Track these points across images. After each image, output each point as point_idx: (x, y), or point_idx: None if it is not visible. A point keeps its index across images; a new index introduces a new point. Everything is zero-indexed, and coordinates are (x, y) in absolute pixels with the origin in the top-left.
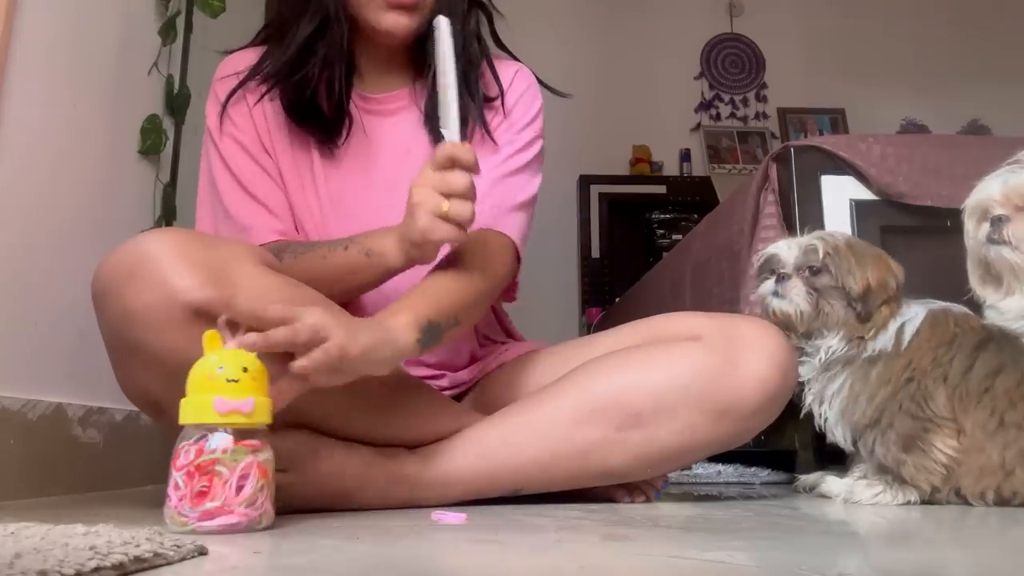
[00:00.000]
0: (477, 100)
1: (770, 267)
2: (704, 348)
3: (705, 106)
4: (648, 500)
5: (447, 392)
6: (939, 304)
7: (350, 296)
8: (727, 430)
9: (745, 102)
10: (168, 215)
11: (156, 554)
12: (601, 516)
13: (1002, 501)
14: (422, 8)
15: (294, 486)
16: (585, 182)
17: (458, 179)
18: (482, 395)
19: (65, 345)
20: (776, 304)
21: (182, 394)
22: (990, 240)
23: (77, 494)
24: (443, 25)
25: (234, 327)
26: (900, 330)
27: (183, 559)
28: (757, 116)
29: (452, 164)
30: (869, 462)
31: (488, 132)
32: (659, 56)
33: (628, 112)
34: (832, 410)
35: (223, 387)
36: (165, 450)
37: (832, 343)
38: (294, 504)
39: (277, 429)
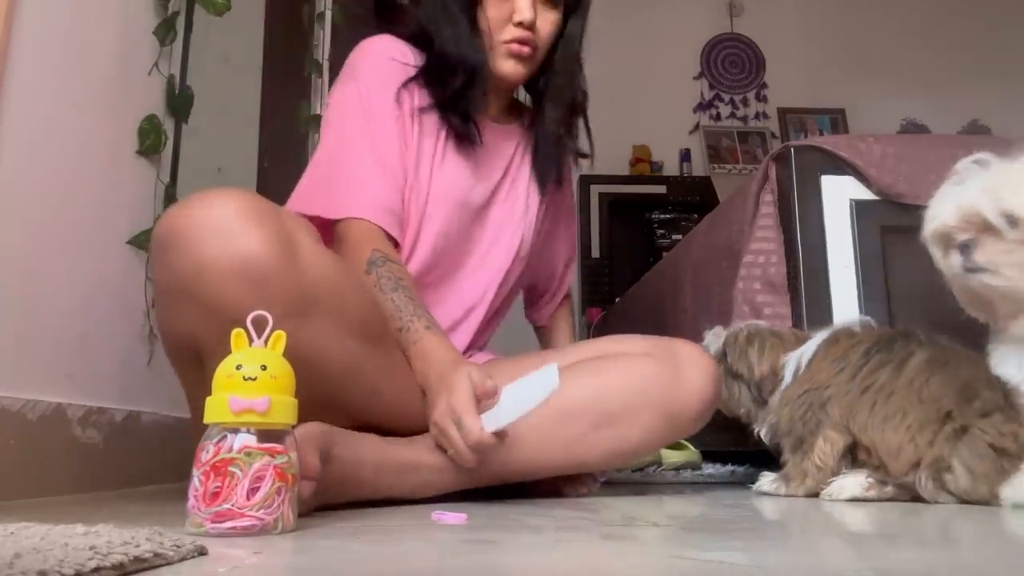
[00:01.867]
0: (572, 146)
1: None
2: (656, 362)
3: (705, 106)
4: (589, 493)
5: None
6: (841, 325)
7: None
8: (673, 432)
9: (745, 102)
10: None
11: (156, 554)
12: (601, 516)
13: (942, 482)
14: (534, 60)
15: (322, 480)
16: (585, 182)
17: (472, 425)
18: None
19: (65, 345)
20: None
21: (231, 345)
22: (967, 270)
23: (77, 494)
24: (554, 369)
25: (260, 326)
26: (796, 366)
27: (183, 559)
28: (757, 116)
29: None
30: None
31: (567, 177)
32: (659, 56)
33: (628, 112)
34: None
35: (240, 385)
36: (165, 450)
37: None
38: (319, 495)
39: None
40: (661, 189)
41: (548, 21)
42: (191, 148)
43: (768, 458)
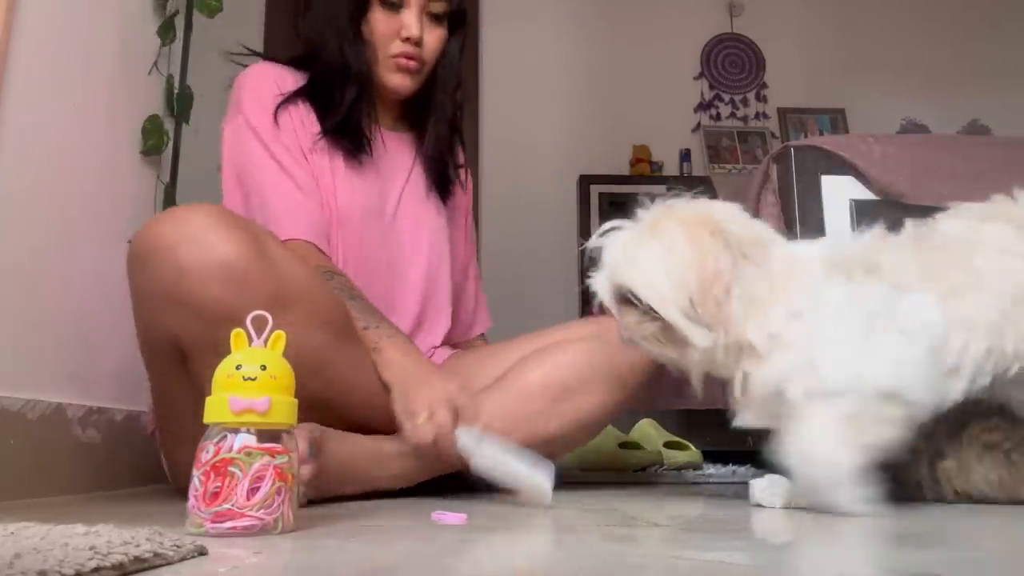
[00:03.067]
0: (454, 162)
1: None
2: (601, 337)
3: (705, 106)
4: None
5: None
6: None
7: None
8: (627, 395)
9: (745, 102)
10: None
11: (156, 554)
12: (601, 516)
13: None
14: (421, 73)
15: (322, 473)
16: (585, 182)
17: (444, 443)
18: None
19: (66, 345)
20: None
21: (213, 343)
22: (623, 341)
23: (77, 494)
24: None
25: (260, 326)
26: None
27: (183, 559)
28: (757, 116)
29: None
30: None
31: (462, 184)
32: (659, 56)
33: (628, 112)
34: None
35: (239, 385)
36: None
37: None
38: (320, 490)
39: (308, 389)
40: (661, 189)
41: (435, 37)
42: (191, 148)
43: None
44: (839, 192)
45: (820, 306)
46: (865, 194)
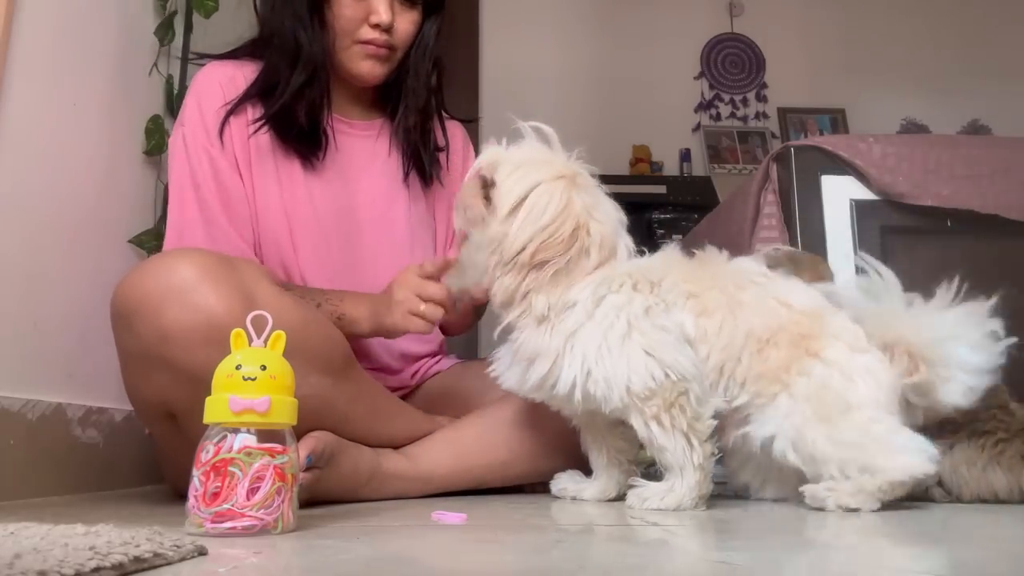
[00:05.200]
0: (429, 150)
1: None
2: None
3: (705, 106)
4: (545, 491)
5: (396, 392)
6: None
7: None
8: None
9: (745, 102)
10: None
11: (156, 554)
12: (601, 516)
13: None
14: (392, 59)
15: (321, 481)
16: None
17: (437, 290)
18: (423, 395)
19: (65, 345)
20: None
21: (202, 405)
22: None
23: (77, 494)
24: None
25: (259, 326)
26: None
27: (183, 559)
28: (757, 116)
29: (435, 277)
30: None
31: (439, 178)
32: (659, 56)
33: (628, 112)
34: None
35: (239, 385)
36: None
37: None
38: (318, 497)
39: (308, 429)
40: (661, 189)
41: (407, 20)
42: None
43: None
44: (839, 192)
45: (594, 305)
46: (865, 194)
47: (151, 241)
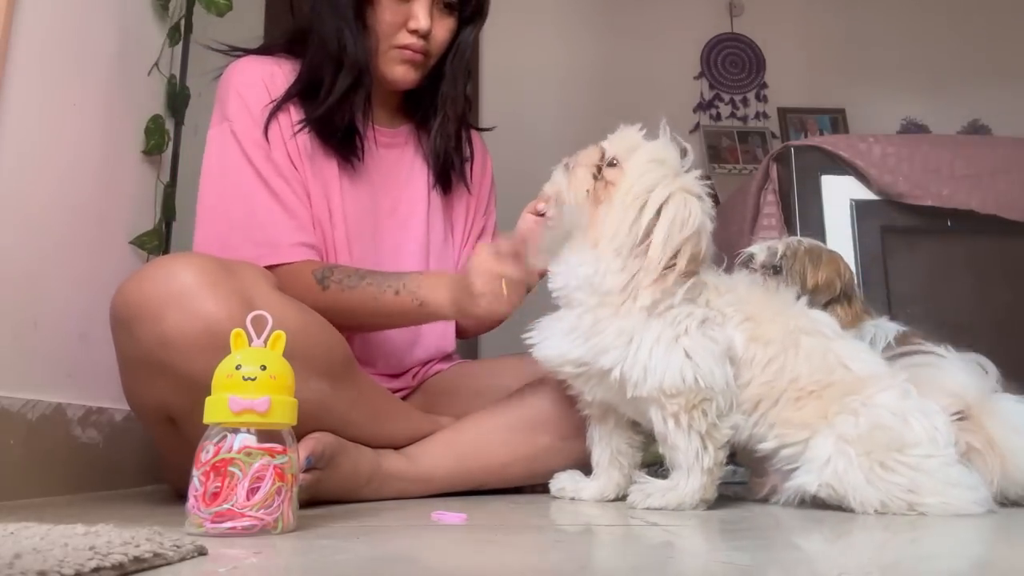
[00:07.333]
0: (461, 157)
1: (746, 264)
2: None
3: (705, 106)
4: (544, 491)
5: (397, 393)
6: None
7: (384, 329)
8: None
9: (745, 102)
10: (168, 216)
11: (156, 554)
12: (601, 516)
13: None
14: (425, 65)
15: (321, 482)
16: None
17: (516, 270)
18: (424, 395)
19: (65, 345)
20: None
21: (202, 412)
22: None
23: (77, 494)
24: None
25: (259, 326)
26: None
27: (183, 559)
28: (757, 116)
29: (514, 256)
30: None
31: (467, 185)
32: (659, 56)
33: (628, 111)
34: None
35: (239, 385)
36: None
37: None
38: (319, 497)
39: (308, 432)
40: None
41: (444, 28)
42: (189, 147)
43: None
44: (839, 192)
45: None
46: (865, 194)
47: (152, 242)
